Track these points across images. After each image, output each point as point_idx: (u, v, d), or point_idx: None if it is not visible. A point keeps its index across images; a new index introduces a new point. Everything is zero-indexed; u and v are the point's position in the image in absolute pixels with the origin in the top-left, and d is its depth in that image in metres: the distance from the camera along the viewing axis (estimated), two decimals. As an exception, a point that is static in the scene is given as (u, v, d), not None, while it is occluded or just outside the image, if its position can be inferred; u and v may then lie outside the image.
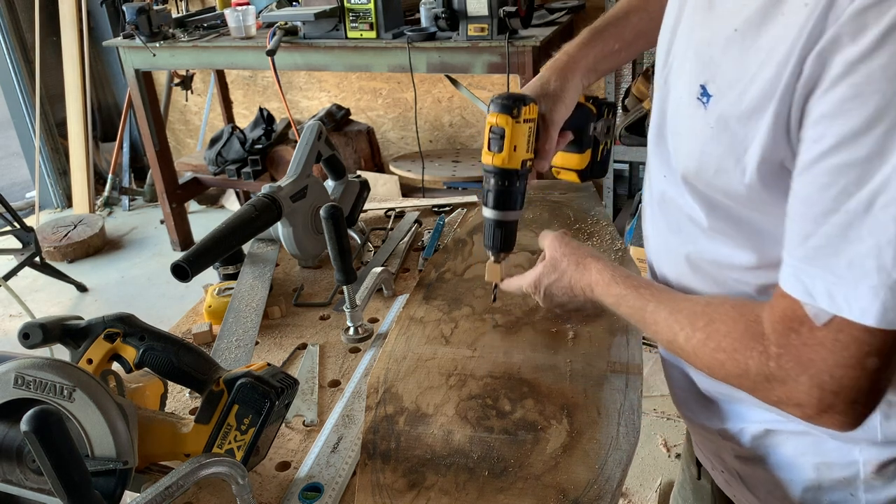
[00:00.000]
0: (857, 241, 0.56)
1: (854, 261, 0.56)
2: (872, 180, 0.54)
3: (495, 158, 0.88)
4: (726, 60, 0.65)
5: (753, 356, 0.65)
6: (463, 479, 0.80)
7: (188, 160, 3.99)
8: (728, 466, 0.92)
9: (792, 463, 0.82)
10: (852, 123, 0.54)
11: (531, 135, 0.89)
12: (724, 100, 0.65)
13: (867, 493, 0.78)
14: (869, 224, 0.55)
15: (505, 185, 0.89)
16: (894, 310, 0.55)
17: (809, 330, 0.60)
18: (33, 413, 0.59)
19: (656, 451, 2.21)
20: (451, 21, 2.65)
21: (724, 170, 0.67)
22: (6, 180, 5.39)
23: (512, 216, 0.92)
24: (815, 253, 0.59)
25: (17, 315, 3.34)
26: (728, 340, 0.67)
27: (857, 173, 0.55)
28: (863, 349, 0.58)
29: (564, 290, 0.91)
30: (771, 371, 0.63)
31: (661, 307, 0.76)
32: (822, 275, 0.58)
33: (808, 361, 0.61)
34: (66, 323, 0.85)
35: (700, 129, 0.69)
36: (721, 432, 0.89)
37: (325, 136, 1.39)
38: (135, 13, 3.15)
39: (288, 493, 0.83)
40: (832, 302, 0.58)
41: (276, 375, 0.83)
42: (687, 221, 0.78)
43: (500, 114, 0.86)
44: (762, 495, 0.87)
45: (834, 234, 0.57)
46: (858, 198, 0.55)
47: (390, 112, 4.06)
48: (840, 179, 0.56)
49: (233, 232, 1.15)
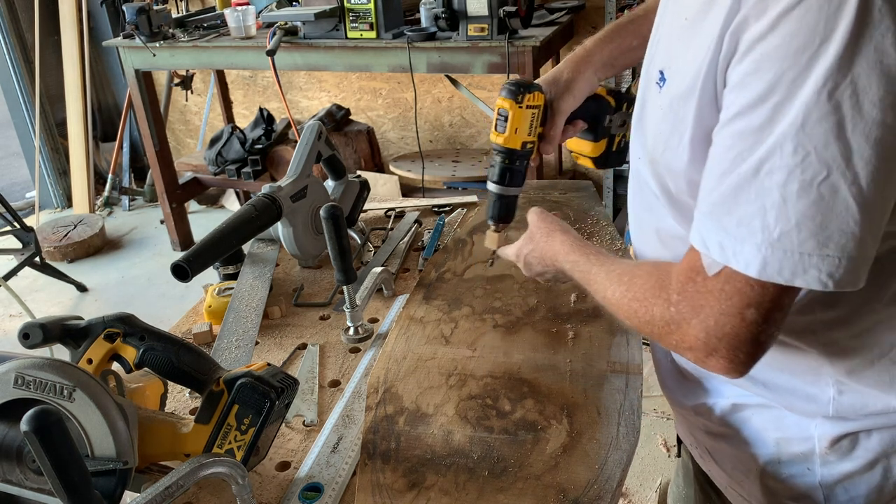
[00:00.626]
0: (745, 202, 0.61)
1: (742, 219, 0.61)
2: (762, 147, 0.59)
3: (499, 137, 0.97)
4: (679, 47, 0.71)
5: (659, 303, 0.71)
6: (463, 479, 0.80)
7: (188, 160, 3.99)
8: (700, 443, 0.97)
9: (755, 438, 0.86)
10: (751, 94, 0.60)
11: (534, 120, 0.96)
12: (673, 82, 0.72)
13: (822, 468, 0.81)
14: (756, 187, 0.60)
15: (506, 162, 0.98)
16: (773, 265, 0.60)
17: (703, 279, 0.66)
18: (33, 413, 0.59)
19: (656, 451, 2.21)
20: (451, 21, 2.65)
21: (670, 147, 0.73)
22: (6, 180, 5.39)
23: (512, 191, 1.00)
24: (713, 209, 0.64)
25: (17, 315, 3.34)
26: (642, 291, 0.74)
27: (751, 140, 0.60)
28: (744, 300, 0.64)
29: (538, 259, 0.96)
30: (671, 316, 0.70)
31: (601, 269, 0.83)
32: (717, 229, 0.64)
33: (699, 307, 0.67)
34: (66, 323, 0.85)
35: (654, 111, 0.76)
36: (695, 408, 0.94)
37: (325, 136, 1.39)
38: (135, 13, 3.15)
39: (288, 493, 0.83)
40: (722, 253, 0.63)
41: (276, 375, 0.83)
42: (654, 199, 0.83)
43: (505, 98, 0.95)
44: (728, 469, 0.92)
45: (728, 193, 0.62)
46: (749, 162, 0.60)
47: (390, 112, 4.06)
48: (738, 144, 0.61)
49: (233, 232, 1.15)
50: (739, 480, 0.90)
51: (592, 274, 0.84)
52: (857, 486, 0.81)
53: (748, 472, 0.87)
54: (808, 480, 0.82)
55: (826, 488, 0.82)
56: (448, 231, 1.43)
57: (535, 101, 0.95)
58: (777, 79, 0.58)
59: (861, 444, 0.79)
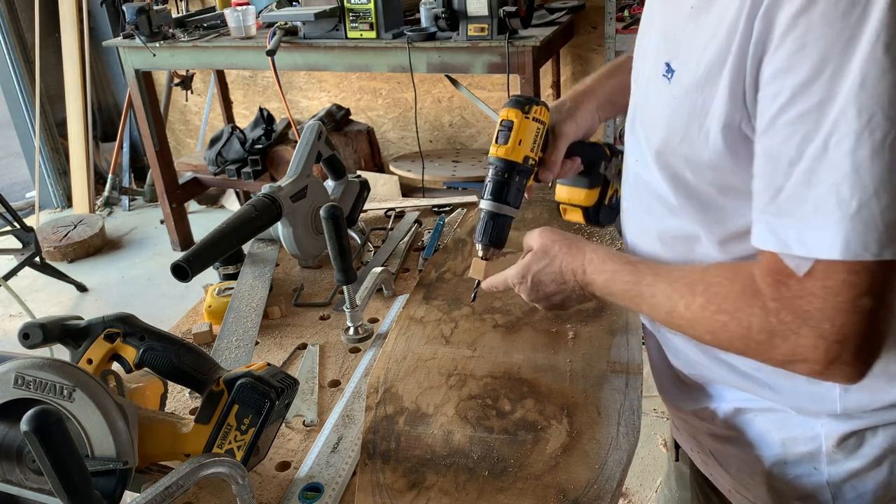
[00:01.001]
0: (818, 184, 0.58)
1: (819, 203, 0.58)
2: (826, 123, 0.57)
3: (499, 150, 0.91)
4: (685, 36, 0.70)
5: (755, 312, 0.65)
6: (463, 479, 0.80)
7: (188, 160, 3.99)
8: (703, 447, 0.95)
9: (761, 440, 0.85)
10: (802, 74, 0.57)
11: (538, 135, 0.92)
12: (685, 70, 0.69)
13: (829, 466, 0.81)
14: (826, 165, 0.57)
15: (504, 176, 0.91)
16: (856, 242, 0.57)
17: (797, 281, 0.61)
18: (33, 413, 0.59)
19: (656, 451, 2.21)
20: (451, 21, 2.65)
21: (688, 138, 0.70)
22: (6, 180, 5.39)
23: (506, 210, 0.92)
24: (787, 204, 0.60)
25: (17, 315, 3.34)
26: (728, 301, 0.67)
27: (814, 120, 0.57)
28: (854, 291, 0.58)
29: (554, 275, 0.88)
30: (773, 326, 0.63)
31: (658, 279, 0.76)
32: (794, 223, 0.60)
33: (805, 314, 0.61)
34: (66, 323, 0.85)
35: (666, 102, 0.73)
36: (697, 412, 0.93)
37: (325, 136, 1.39)
38: (135, 13, 3.15)
39: (288, 493, 0.83)
40: (804, 247, 0.59)
41: (276, 375, 0.83)
42: (656, 201, 0.81)
43: (511, 108, 0.91)
44: (734, 472, 0.91)
45: (800, 182, 0.59)
46: (816, 142, 0.57)
47: (390, 112, 4.06)
48: (800, 129, 0.58)
49: (233, 232, 1.15)
50: (745, 483, 0.89)
51: (646, 285, 0.76)
52: (864, 484, 0.80)
53: (754, 474, 0.87)
54: (816, 480, 0.82)
55: (834, 487, 0.81)
56: (448, 231, 1.43)
57: (541, 116, 0.92)
58: (828, 48, 0.55)
59: (868, 442, 0.79)
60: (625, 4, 2.96)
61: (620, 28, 2.89)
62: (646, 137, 0.81)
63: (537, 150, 0.93)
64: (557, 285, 0.88)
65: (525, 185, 0.93)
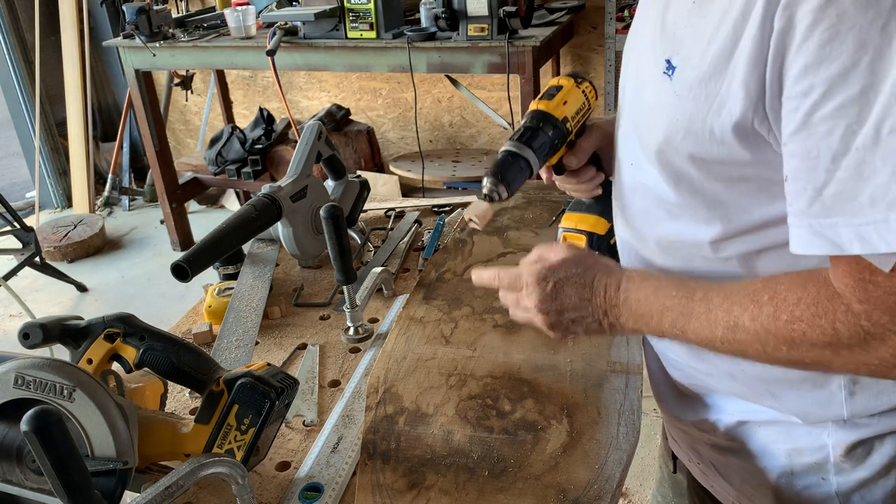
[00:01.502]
0: (873, 174, 0.54)
1: (875, 194, 0.54)
2: (873, 111, 0.54)
3: (541, 103, 0.88)
4: (687, 32, 0.67)
5: (839, 317, 0.60)
6: (463, 479, 0.80)
7: (188, 160, 3.99)
8: (704, 458, 0.94)
9: (765, 451, 0.84)
10: (838, 64, 0.54)
11: (581, 111, 0.91)
12: (688, 65, 0.67)
13: (837, 476, 0.80)
14: (881, 153, 0.54)
15: (539, 125, 0.86)
16: None
17: (885, 278, 0.57)
18: (33, 413, 0.59)
19: (656, 451, 2.21)
20: (451, 21, 2.65)
21: (691, 133, 0.67)
22: (6, 180, 5.39)
23: (529, 156, 0.85)
24: (833, 202, 0.57)
25: (17, 315, 3.34)
26: (802, 308, 0.62)
27: (857, 110, 0.54)
28: None
29: (582, 287, 0.79)
30: (866, 329, 0.59)
31: (711, 293, 0.69)
32: (846, 221, 0.56)
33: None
34: (66, 323, 0.85)
35: (668, 99, 0.69)
36: (697, 424, 0.91)
37: (325, 136, 1.39)
38: (135, 13, 3.15)
39: (288, 493, 0.83)
40: (864, 244, 0.55)
41: (276, 375, 0.83)
42: (654, 204, 0.79)
43: (564, 77, 0.91)
44: (737, 484, 0.89)
45: (848, 177, 0.55)
46: (864, 133, 0.54)
47: (390, 112, 4.06)
48: (841, 122, 0.55)
49: (233, 232, 1.15)
50: (749, 495, 0.88)
51: (697, 300, 0.70)
52: (873, 493, 0.79)
53: (759, 486, 0.85)
54: (824, 490, 0.81)
55: (842, 497, 0.80)
56: (448, 231, 1.43)
57: (590, 94, 0.91)
58: (864, 33, 0.53)
59: (876, 451, 0.78)
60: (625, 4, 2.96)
61: (620, 28, 2.89)
62: (640, 139, 0.78)
63: (576, 123, 0.90)
64: (580, 300, 0.79)
65: (554, 145, 0.87)
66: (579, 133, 0.93)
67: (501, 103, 3.61)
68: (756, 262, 0.73)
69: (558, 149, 0.90)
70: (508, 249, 1.28)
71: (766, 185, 0.67)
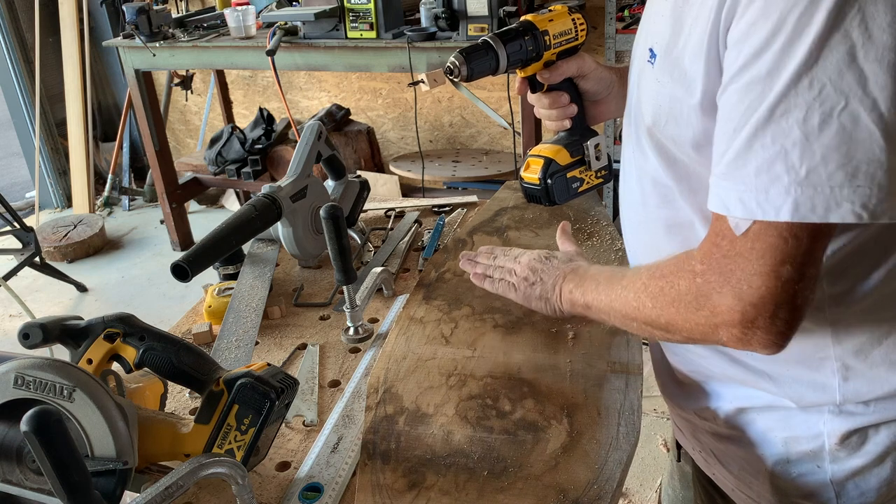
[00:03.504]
0: (762, 149, 0.60)
1: (761, 167, 0.60)
2: (772, 92, 0.59)
3: (530, 15, 0.95)
4: (669, 24, 0.72)
5: (684, 275, 0.70)
6: (463, 479, 0.80)
7: (188, 160, 4.00)
8: (705, 446, 0.96)
9: (762, 439, 0.85)
10: (755, 42, 0.60)
11: (566, 34, 0.96)
12: (665, 53, 0.72)
13: (832, 464, 0.81)
14: (771, 131, 0.59)
15: (520, 28, 0.94)
16: (805, 204, 0.59)
17: (730, 242, 0.64)
18: (33, 413, 0.59)
19: (656, 451, 2.21)
20: (451, 21, 2.65)
21: (672, 117, 0.73)
22: (6, 180, 5.39)
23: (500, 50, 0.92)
24: (727, 168, 0.63)
25: (17, 315, 3.34)
26: (666, 268, 0.73)
27: (759, 88, 0.60)
28: (777, 256, 0.62)
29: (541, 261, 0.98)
30: (698, 287, 0.67)
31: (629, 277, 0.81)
32: (734, 186, 0.62)
33: (729, 272, 0.65)
34: (66, 323, 0.85)
35: (651, 86, 0.76)
36: (698, 412, 0.93)
37: (325, 136, 1.39)
38: (135, 13, 3.15)
39: (288, 493, 0.83)
40: (744, 208, 0.61)
41: (276, 375, 0.83)
42: (653, 189, 0.83)
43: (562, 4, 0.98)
44: (736, 471, 0.91)
45: (741, 146, 0.61)
46: (760, 110, 0.60)
47: (390, 112, 4.06)
48: (746, 97, 0.61)
49: (233, 232, 1.15)
50: (748, 482, 0.89)
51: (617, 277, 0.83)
52: (867, 481, 0.80)
53: (757, 474, 0.87)
54: (819, 478, 0.82)
55: (837, 485, 0.81)
56: (448, 231, 1.43)
57: (580, 25, 0.97)
58: (782, 19, 0.58)
59: (870, 439, 0.79)
60: (625, 4, 2.95)
61: (620, 28, 2.89)
62: (636, 123, 0.84)
63: (557, 44, 0.96)
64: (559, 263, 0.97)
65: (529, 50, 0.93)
66: (562, 57, 0.98)
67: (501, 103, 3.62)
68: None
69: (534, 59, 0.95)
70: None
71: None
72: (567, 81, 0.99)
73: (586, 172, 1.04)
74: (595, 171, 1.04)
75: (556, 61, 0.98)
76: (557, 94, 1.00)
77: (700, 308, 0.68)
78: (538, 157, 1.02)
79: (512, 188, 1.53)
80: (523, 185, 1.04)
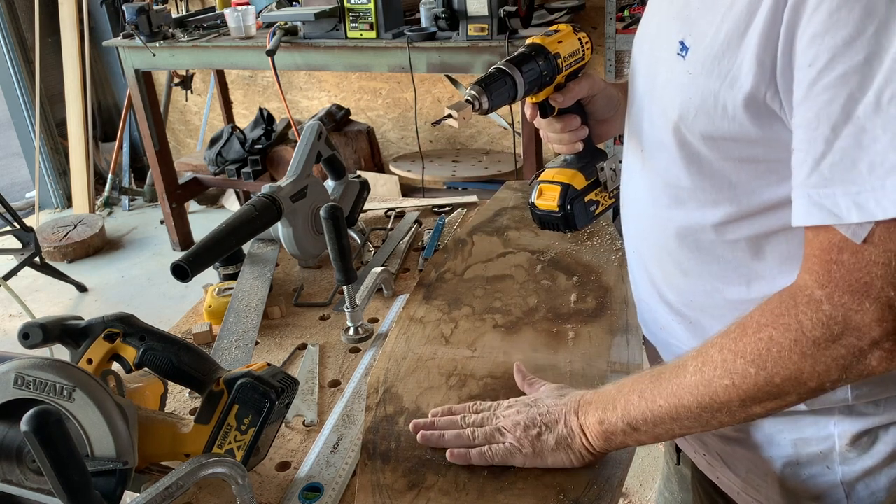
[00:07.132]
0: (872, 142, 0.55)
1: (874, 161, 0.55)
2: (875, 80, 0.54)
3: (538, 38, 0.93)
4: (700, 13, 0.70)
5: (801, 309, 0.59)
6: (463, 479, 0.80)
7: (188, 160, 4.00)
8: (711, 449, 0.94)
9: (771, 441, 0.84)
10: (844, 32, 0.55)
11: (575, 55, 0.94)
12: (700, 45, 0.69)
13: (843, 466, 0.80)
14: (882, 121, 0.54)
15: (532, 53, 0.91)
16: None
17: (853, 254, 0.57)
18: (33, 413, 0.59)
19: (656, 451, 2.21)
20: (451, 21, 2.65)
21: (703, 111, 0.69)
22: (6, 180, 5.39)
23: (517, 76, 0.89)
24: (832, 171, 0.57)
25: (17, 315, 3.34)
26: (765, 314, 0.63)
27: (859, 78, 0.55)
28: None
29: (554, 398, 0.83)
30: (827, 314, 0.58)
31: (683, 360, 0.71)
32: (844, 190, 0.56)
33: (866, 286, 0.57)
34: (66, 323, 0.85)
35: (681, 79, 0.72)
36: None
37: (325, 136, 1.39)
38: (135, 13, 3.15)
39: (288, 493, 0.83)
40: (862, 211, 0.55)
41: (276, 375, 0.83)
42: (663, 190, 0.80)
43: (565, 24, 0.96)
44: (743, 474, 0.89)
45: (848, 145, 0.56)
46: (865, 101, 0.55)
47: (390, 112, 4.07)
48: (843, 90, 0.56)
49: (233, 232, 1.15)
50: (755, 485, 0.88)
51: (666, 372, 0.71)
52: (877, 481, 0.80)
53: (765, 476, 0.86)
54: (829, 479, 0.81)
55: (847, 486, 0.81)
56: (448, 231, 1.43)
57: (586, 45, 0.95)
58: (871, 3, 0.54)
59: (881, 440, 0.78)
60: (625, 4, 2.95)
61: (620, 28, 2.89)
62: (651, 120, 0.81)
63: (567, 65, 0.93)
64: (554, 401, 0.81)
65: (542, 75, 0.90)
66: (570, 78, 0.96)
67: (501, 103, 3.61)
68: (764, 245, 0.74)
69: (547, 83, 0.93)
70: (508, 249, 1.28)
71: (775, 165, 0.68)
72: (577, 103, 0.97)
73: (601, 194, 1.01)
74: (610, 191, 1.02)
75: (566, 84, 0.95)
76: (570, 118, 0.97)
77: (839, 337, 0.59)
78: (553, 184, 0.99)
79: (512, 188, 1.53)
80: (537, 212, 1.00)
